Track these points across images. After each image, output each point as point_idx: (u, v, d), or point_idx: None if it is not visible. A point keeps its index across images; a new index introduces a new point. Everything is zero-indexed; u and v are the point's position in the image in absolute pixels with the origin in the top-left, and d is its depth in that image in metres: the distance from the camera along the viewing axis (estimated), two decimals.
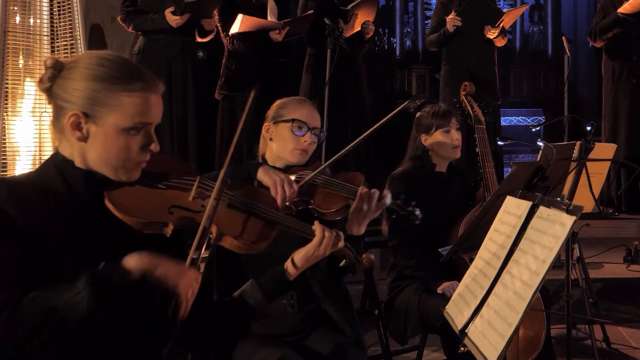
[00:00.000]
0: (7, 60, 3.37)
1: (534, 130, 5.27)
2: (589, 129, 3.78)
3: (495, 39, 5.06)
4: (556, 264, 1.70)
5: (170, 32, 4.22)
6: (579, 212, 1.48)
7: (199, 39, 4.41)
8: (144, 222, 1.44)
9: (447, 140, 2.84)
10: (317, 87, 4.64)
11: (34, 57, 3.47)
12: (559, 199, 1.66)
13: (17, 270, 1.29)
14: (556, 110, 8.50)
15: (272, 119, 2.25)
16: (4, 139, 3.39)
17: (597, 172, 3.04)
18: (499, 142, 4.90)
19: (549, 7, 10.72)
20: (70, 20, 3.56)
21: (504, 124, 8.26)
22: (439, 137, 2.84)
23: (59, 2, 3.57)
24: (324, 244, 1.71)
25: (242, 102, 4.50)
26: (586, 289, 3.43)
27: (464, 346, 1.64)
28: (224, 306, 1.66)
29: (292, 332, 2.12)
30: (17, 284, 1.28)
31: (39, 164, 3.42)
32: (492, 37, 5.04)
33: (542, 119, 9.63)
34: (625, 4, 5.04)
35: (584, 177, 2.79)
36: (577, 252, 3.38)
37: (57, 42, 3.57)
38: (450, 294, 2.54)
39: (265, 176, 2.05)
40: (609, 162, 3.19)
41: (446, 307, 1.85)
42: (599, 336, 3.46)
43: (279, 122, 2.22)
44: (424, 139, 2.87)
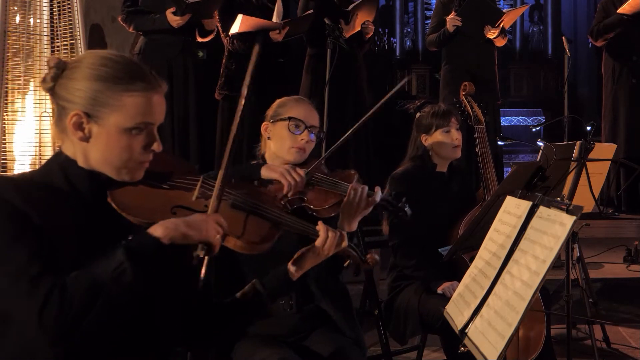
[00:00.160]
0: (7, 60, 3.37)
1: (534, 130, 5.29)
2: (589, 129, 3.78)
3: (495, 39, 5.06)
4: (556, 264, 1.70)
5: (171, 32, 4.22)
6: (579, 212, 1.48)
7: (200, 39, 4.41)
8: (147, 223, 1.44)
9: (447, 140, 2.84)
10: (317, 87, 4.64)
11: (33, 57, 3.47)
12: (559, 199, 1.66)
13: (51, 255, 1.31)
14: (556, 110, 8.51)
15: (271, 118, 2.26)
16: (4, 139, 3.39)
17: (597, 172, 3.04)
18: (499, 142, 4.91)
19: (549, 7, 10.73)
20: (70, 20, 3.56)
21: (504, 124, 8.27)
22: (439, 137, 2.85)
23: (59, 2, 3.57)
24: (327, 244, 1.71)
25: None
26: (586, 289, 3.43)
27: (464, 346, 1.64)
28: (226, 306, 1.66)
29: (292, 332, 2.12)
30: (55, 268, 1.30)
31: (39, 164, 3.42)
32: (492, 37, 5.04)
33: (542, 119, 9.64)
34: (624, 5, 5.04)
35: (584, 177, 2.79)
36: (577, 252, 3.38)
37: (57, 42, 3.57)
38: (450, 294, 2.54)
39: (269, 172, 2.06)
40: (609, 162, 3.19)
41: (446, 307, 1.85)
42: (599, 336, 3.46)
43: (277, 120, 2.23)
44: (424, 139, 2.88)
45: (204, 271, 1.59)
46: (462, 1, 5.03)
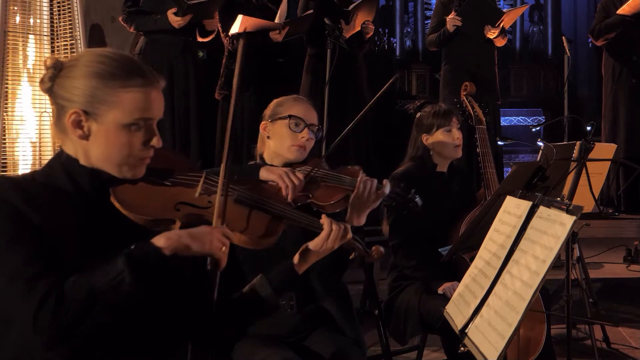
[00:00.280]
0: (7, 60, 3.37)
1: (534, 130, 5.29)
2: (589, 129, 3.78)
3: (495, 39, 5.06)
4: (556, 264, 1.70)
5: (171, 32, 4.23)
6: (579, 212, 1.48)
7: (200, 39, 4.42)
8: (150, 220, 1.44)
9: (449, 139, 2.84)
10: (317, 87, 4.64)
11: (34, 57, 3.47)
12: (559, 199, 1.66)
13: (50, 258, 1.31)
14: (556, 110, 8.50)
15: (269, 117, 2.25)
16: (4, 139, 3.39)
17: (597, 172, 3.04)
18: (499, 142, 4.91)
19: (549, 7, 10.73)
20: (70, 20, 3.56)
21: (504, 124, 8.27)
22: (440, 136, 2.85)
23: (59, 2, 3.57)
24: (332, 237, 1.70)
25: (242, 102, 4.50)
26: (586, 289, 3.43)
27: (464, 346, 1.64)
28: (232, 303, 1.66)
29: (292, 332, 2.12)
30: (53, 271, 1.29)
31: (39, 163, 3.42)
32: (492, 37, 5.03)
33: (542, 119, 9.63)
34: (624, 5, 5.04)
35: (584, 177, 2.79)
36: (577, 252, 3.38)
37: (57, 42, 3.57)
38: (451, 294, 2.53)
39: (268, 173, 2.06)
40: (609, 162, 3.19)
41: (446, 307, 1.85)
42: (599, 336, 3.46)
43: (276, 119, 2.22)
44: (425, 139, 2.87)
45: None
46: (462, 1, 5.03)
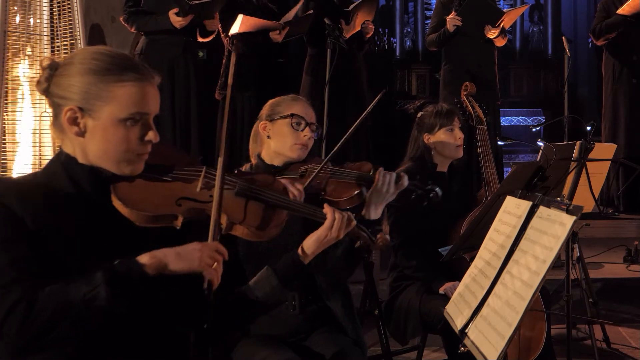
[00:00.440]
0: (7, 60, 3.37)
1: (534, 130, 5.28)
2: (589, 129, 3.78)
3: (495, 39, 5.06)
4: (556, 264, 1.70)
5: (172, 32, 4.23)
6: (579, 212, 1.48)
7: (200, 39, 4.42)
8: (152, 216, 1.44)
9: (451, 139, 2.84)
10: (317, 87, 4.64)
11: (34, 57, 3.47)
12: (559, 199, 1.66)
13: (29, 265, 1.30)
14: (556, 110, 8.49)
15: (269, 117, 2.24)
16: (4, 139, 3.39)
17: (597, 172, 3.04)
18: (499, 142, 4.90)
19: (549, 7, 10.71)
20: (70, 20, 3.56)
21: (504, 124, 8.26)
22: (442, 136, 2.85)
23: (59, 2, 3.57)
24: (335, 226, 1.71)
25: (242, 103, 4.50)
26: (586, 289, 3.43)
27: (464, 346, 1.64)
28: (239, 296, 1.66)
29: (293, 333, 2.12)
30: (30, 278, 1.29)
31: (39, 163, 3.42)
32: (492, 37, 5.03)
33: (542, 119, 9.62)
34: (624, 5, 5.04)
35: (584, 177, 2.79)
36: (577, 252, 3.38)
37: (57, 42, 3.57)
38: (452, 294, 2.53)
39: None
40: (609, 162, 3.19)
41: (446, 307, 1.86)
42: (599, 336, 3.46)
43: (277, 119, 2.21)
44: (427, 138, 2.87)
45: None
46: (462, 1, 5.03)
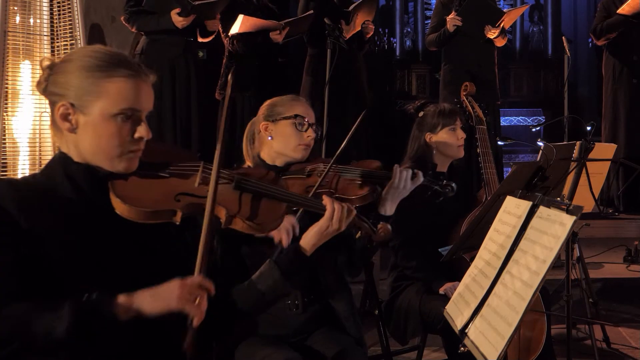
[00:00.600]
0: (7, 60, 3.37)
1: (534, 130, 5.28)
2: (589, 129, 3.77)
3: (495, 39, 5.06)
4: (556, 264, 1.70)
5: (172, 32, 4.24)
6: (579, 212, 1.48)
7: (201, 39, 4.42)
8: (151, 212, 1.43)
9: (453, 139, 2.84)
10: (318, 87, 4.64)
11: (34, 57, 3.47)
12: (559, 199, 1.66)
13: (9, 275, 1.29)
14: (556, 110, 8.49)
15: (270, 118, 2.23)
16: (4, 139, 3.39)
17: (597, 172, 3.04)
18: (499, 142, 4.90)
19: (549, 7, 10.70)
20: (70, 20, 3.55)
21: (504, 124, 8.26)
22: (444, 135, 2.85)
23: (59, 2, 3.56)
24: (335, 217, 1.70)
25: (242, 103, 4.50)
26: (586, 289, 3.43)
27: (464, 346, 1.64)
28: (243, 291, 1.66)
29: (295, 332, 2.12)
30: (4, 289, 1.28)
31: (39, 163, 3.42)
32: (492, 37, 5.03)
33: (542, 119, 9.61)
34: (624, 5, 5.04)
35: (584, 177, 2.79)
36: (577, 252, 3.38)
37: (57, 42, 3.57)
38: (452, 294, 2.53)
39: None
40: (609, 162, 3.19)
41: (446, 307, 1.85)
42: (599, 336, 3.46)
43: (279, 119, 2.21)
44: (429, 138, 2.87)
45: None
46: (462, 1, 5.03)
